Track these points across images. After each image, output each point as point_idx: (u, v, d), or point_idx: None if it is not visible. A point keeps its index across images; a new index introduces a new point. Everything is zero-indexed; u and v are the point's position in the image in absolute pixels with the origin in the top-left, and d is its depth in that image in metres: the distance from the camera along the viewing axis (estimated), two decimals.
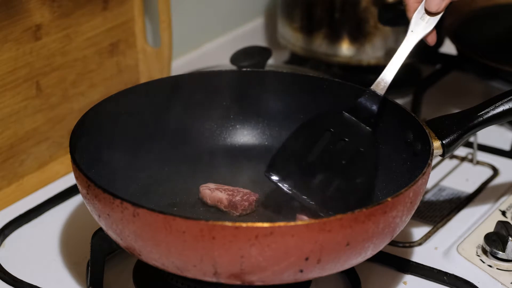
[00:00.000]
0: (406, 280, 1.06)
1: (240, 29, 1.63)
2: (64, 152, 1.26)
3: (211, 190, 1.08)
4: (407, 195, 0.92)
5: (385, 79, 1.07)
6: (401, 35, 1.44)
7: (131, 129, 1.11)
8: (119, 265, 1.06)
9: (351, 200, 1.03)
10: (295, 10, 1.50)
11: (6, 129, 1.17)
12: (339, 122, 1.08)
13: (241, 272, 0.88)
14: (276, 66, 1.42)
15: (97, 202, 0.92)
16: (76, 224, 1.15)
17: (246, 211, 1.07)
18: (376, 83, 1.07)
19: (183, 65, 1.48)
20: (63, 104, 1.25)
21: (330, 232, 0.87)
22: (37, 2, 1.17)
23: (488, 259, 1.07)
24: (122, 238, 0.92)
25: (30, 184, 1.21)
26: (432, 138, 1.02)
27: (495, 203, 1.20)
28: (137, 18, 1.33)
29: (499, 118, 1.05)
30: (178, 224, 0.86)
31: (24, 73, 1.18)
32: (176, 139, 1.16)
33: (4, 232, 1.12)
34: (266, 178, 1.13)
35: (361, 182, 1.06)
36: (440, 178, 1.26)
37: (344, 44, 1.46)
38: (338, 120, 1.08)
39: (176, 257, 0.89)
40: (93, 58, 1.27)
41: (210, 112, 1.18)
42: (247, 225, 0.85)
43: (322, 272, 0.91)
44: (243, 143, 1.18)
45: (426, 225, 1.15)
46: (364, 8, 1.43)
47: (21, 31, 1.16)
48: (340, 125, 1.08)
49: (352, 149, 1.07)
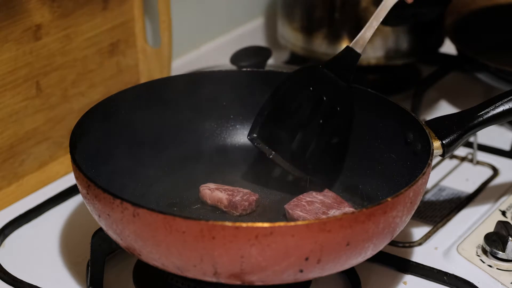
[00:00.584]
0: (406, 280, 1.06)
1: (240, 29, 1.63)
2: (64, 152, 1.26)
3: (211, 190, 1.08)
4: (407, 195, 0.93)
5: (364, 37, 1.08)
6: (401, 35, 1.44)
7: (131, 129, 1.11)
8: (119, 265, 1.06)
9: (327, 161, 1.05)
10: (295, 10, 1.50)
11: (6, 129, 1.17)
12: (318, 78, 1.09)
13: (241, 272, 0.88)
14: (276, 66, 1.42)
15: (97, 202, 0.92)
16: (76, 224, 1.15)
17: (246, 211, 1.07)
18: (355, 41, 1.09)
19: (183, 65, 1.48)
20: (63, 104, 1.25)
21: (330, 232, 0.87)
22: (37, 2, 1.17)
23: (488, 259, 1.07)
24: (122, 238, 0.92)
25: (30, 184, 1.21)
26: (432, 138, 1.02)
27: (495, 203, 1.20)
28: (137, 18, 1.33)
29: (499, 118, 1.05)
30: (178, 224, 0.86)
31: (24, 73, 1.18)
32: (176, 139, 1.16)
33: (4, 232, 1.12)
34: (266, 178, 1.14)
35: (336, 142, 1.07)
36: (440, 178, 1.26)
37: (344, 44, 1.45)
38: (318, 75, 1.09)
39: (176, 257, 0.89)
40: (93, 58, 1.27)
41: (210, 112, 1.18)
42: (247, 225, 0.85)
43: (322, 272, 0.91)
44: (243, 143, 1.18)
45: (426, 225, 1.15)
46: (364, 8, 1.43)
47: (21, 31, 1.16)
48: (318, 82, 1.09)
49: (328, 108, 1.07)
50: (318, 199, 1.07)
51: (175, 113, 1.15)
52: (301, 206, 1.05)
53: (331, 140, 1.08)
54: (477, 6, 1.55)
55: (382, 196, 1.07)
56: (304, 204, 1.06)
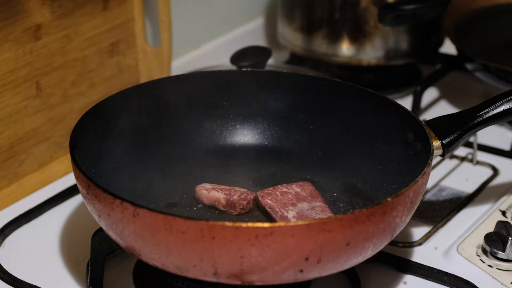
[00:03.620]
0: (406, 280, 1.06)
1: (240, 29, 1.63)
2: (64, 152, 1.26)
3: (208, 190, 1.08)
4: (407, 195, 0.93)
5: None
6: (401, 35, 1.44)
7: (131, 129, 1.11)
8: (119, 265, 1.06)
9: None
10: (295, 10, 1.50)
11: (6, 129, 1.17)
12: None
13: (241, 272, 0.88)
14: (276, 66, 1.42)
15: (97, 202, 0.92)
16: (76, 224, 1.15)
17: (245, 209, 1.07)
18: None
19: (183, 65, 1.48)
20: (63, 104, 1.25)
21: (330, 232, 0.87)
22: (37, 2, 1.17)
23: (488, 259, 1.07)
24: (122, 238, 0.92)
25: (30, 184, 1.21)
26: (432, 138, 1.02)
27: (495, 203, 1.19)
28: (137, 18, 1.33)
29: (499, 118, 1.05)
30: (178, 224, 0.86)
31: (24, 73, 1.18)
32: (176, 139, 1.16)
33: (4, 232, 1.12)
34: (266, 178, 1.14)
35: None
36: (440, 178, 1.26)
37: (344, 44, 1.46)
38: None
39: (176, 257, 0.89)
40: (93, 58, 1.27)
41: (210, 112, 1.18)
42: (247, 225, 0.85)
43: (322, 272, 0.91)
44: (243, 143, 1.18)
45: (426, 225, 1.15)
46: (364, 8, 1.43)
47: (21, 31, 1.16)
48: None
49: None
50: (294, 191, 1.07)
51: (175, 113, 1.15)
52: (273, 195, 1.06)
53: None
54: (477, 6, 1.55)
55: (382, 196, 1.07)
56: (277, 193, 1.07)
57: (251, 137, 1.19)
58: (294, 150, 1.16)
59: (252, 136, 1.19)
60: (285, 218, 1.03)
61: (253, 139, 1.19)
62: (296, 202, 1.05)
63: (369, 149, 1.11)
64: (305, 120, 1.17)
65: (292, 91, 1.17)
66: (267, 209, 1.05)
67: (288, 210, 1.04)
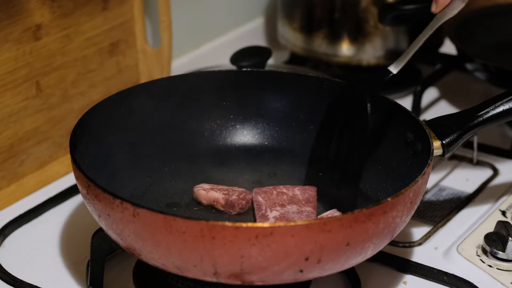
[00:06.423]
0: (406, 280, 1.06)
1: (240, 29, 1.63)
2: (64, 152, 1.26)
3: (206, 191, 1.08)
4: (407, 195, 0.93)
5: (404, 61, 1.07)
6: (401, 35, 1.44)
7: (131, 129, 1.11)
8: (119, 265, 1.06)
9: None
10: (295, 10, 1.50)
11: (6, 129, 1.17)
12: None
13: (241, 272, 0.88)
14: (276, 66, 1.42)
15: (97, 202, 0.92)
16: (76, 224, 1.15)
17: (244, 209, 1.08)
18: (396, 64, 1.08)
19: (183, 65, 1.48)
20: (63, 104, 1.25)
21: (330, 232, 0.87)
22: (37, 2, 1.17)
23: (488, 259, 1.07)
24: (122, 238, 0.92)
25: (30, 184, 1.21)
26: (432, 138, 1.02)
27: (495, 203, 1.20)
28: (137, 18, 1.33)
29: (499, 118, 1.05)
30: (178, 224, 0.86)
31: (24, 73, 1.18)
32: (176, 139, 1.15)
33: (4, 232, 1.12)
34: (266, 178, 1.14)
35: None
36: (440, 178, 1.26)
37: (344, 44, 1.46)
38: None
39: (176, 257, 0.89)
40: (93, 58, 1.27)
41: (210, 112, 1.18)
42: (247, 225, 0.85)
43: (322, 272, 0.91)
44: (243, 143, 1.18)
45: (426, 225, 1.15)
46: (364, 8, 1.43)
47: (21, 31, 1.16)
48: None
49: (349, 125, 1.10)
50: (292, 193, 1.08)
51: (175, 113, 1.15)
52: (268, 194, 1.07)
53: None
54: (477, 6, 1.55)
55: (382, 196, 1.07)
56: (274, 192, 1.07)
57: (251, 137, 1.19)
58: (294, 150, 1.16)
59: (252, 136, 1.19)
60: (265, 217, 1.04)
61: (253, 139, 1.19)
62: (286, 203, 1.05)
63: (369, 149, 1.11)
64: (305, 120, 1.17)
65: (292, 91, 1.17)
66: (254, 206, 1.05)
67: (273, 210, 1.04)
